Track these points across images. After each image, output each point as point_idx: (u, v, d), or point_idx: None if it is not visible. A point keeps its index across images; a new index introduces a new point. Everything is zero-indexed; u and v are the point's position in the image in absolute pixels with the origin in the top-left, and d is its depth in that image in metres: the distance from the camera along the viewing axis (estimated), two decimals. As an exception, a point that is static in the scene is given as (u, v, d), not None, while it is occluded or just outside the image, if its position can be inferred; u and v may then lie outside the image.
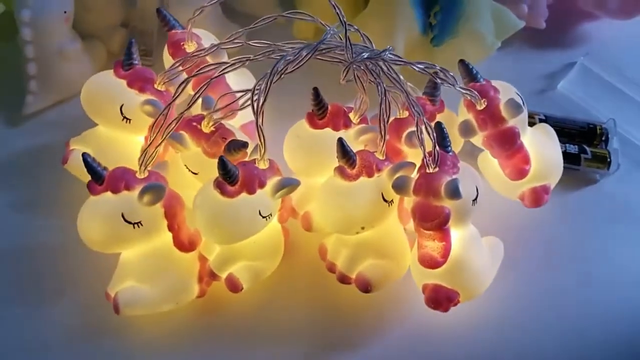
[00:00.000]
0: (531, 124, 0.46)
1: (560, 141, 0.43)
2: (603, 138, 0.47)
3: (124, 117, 0.39)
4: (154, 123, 0.36)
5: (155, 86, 0.40)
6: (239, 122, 0.42)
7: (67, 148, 0.42)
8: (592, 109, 0.50)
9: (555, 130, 0.45)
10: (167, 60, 0.44)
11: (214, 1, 0.41)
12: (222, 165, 0.32)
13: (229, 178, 0.32)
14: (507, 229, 0.41)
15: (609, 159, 0.45)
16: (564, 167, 0.42)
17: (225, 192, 0.33)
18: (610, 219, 0.43)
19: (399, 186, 0.34)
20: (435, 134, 0.34)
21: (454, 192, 0.32)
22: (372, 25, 0.49)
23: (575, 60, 0.53)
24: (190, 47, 0.42)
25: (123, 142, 0.41)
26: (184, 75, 0.40)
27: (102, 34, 0.52)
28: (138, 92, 0.39)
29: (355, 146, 0.36)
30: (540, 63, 0.54)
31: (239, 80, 0.45)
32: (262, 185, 0.33)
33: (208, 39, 0.44)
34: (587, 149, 0.46)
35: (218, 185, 0.33)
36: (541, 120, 0.47)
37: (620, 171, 0.45)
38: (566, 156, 0.44)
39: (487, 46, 0.48)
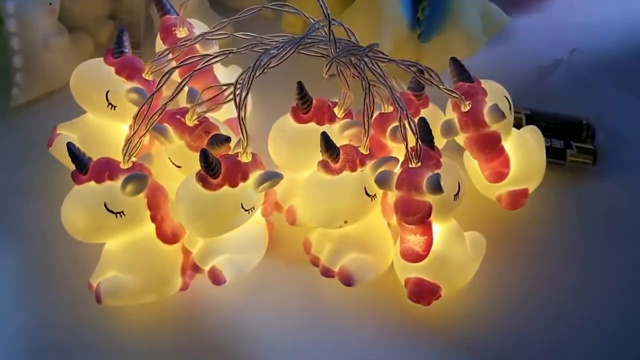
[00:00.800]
0: (517, 119, 0.46)
1: (546, 136, 0.43)
2: (589, 134, 0.47)
3: (109, 104, 0.39)
4: (138, 113, 0.36)
5: (143, 75, 0.40)
6: (225, 116, 0.42)
7: (54, 132, 0.42)
8: (579, 104, 0.50)
9: (541, 126, 0.45)
10: (160, 47, 0.44)
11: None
12: (204, 157, 0.32)
13: (211, 171, 0.32)
14: (490, 224, 0.41)
15: (594, 155, 0.45)
16: (550, 162, 0.42)
17: (207, 185, 0.33)
18: (593, 216, 0.44)
19: (382, 181, 0.34)
20: (418, 129, 0.35)
21: (435, 186, 0.32)
22: (360, 19, 0.49)
23: (562, 56, 0.53)
24: (181, 33, 0.42)
25: (109, 130, 0.41)
26: (174, 64, 0.40)
27: (89, 26, 0.52)
28: (125, 79, 0.39)
29: (339, 141, 0.36)
30: (528, 58, 0.54)
31: (228, 75, 0.45)
32: (244, 178, 0.33)
33: (200, 28, 0.44)
34: (573, 144, 0.46)
35: (200, 178, 0.33)
36: (527, 116, 0.47)
37: (605, 167, 0.46)
38: (552, 151, 0.44)
39: (473, 43, 0.48)
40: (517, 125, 0.46)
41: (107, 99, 0.39)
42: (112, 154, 0.36)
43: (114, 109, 0.40)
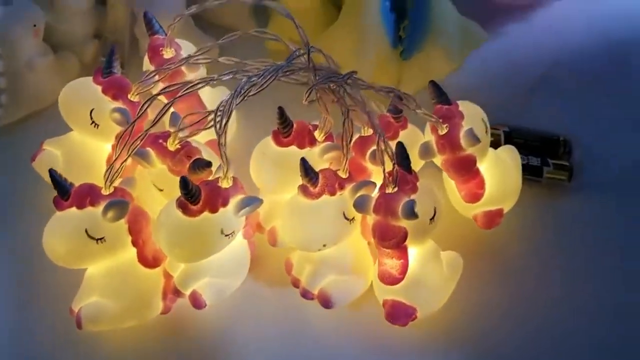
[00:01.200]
0: (496, 136, 0.47)
1: (523, 154, 0.44)
2: (566, 150, 0.48)
3: (93, 122, 0.40)
4: (119, 138, 0.37)
5: (129, 96, 0.41)
6: (208, 137, 0.42)
7: (40, 147, 0.43)
8: (558, 120, 0.50)
9: (520, 143, 0.46)
10: (147, 66, 0.44)
11: (190, 11, 0.42)
12: (184, 184, 0.32)
13: (191, 197, 0.33)
14: (468, 241, 0.42)
15: (570, 171, 0.46)
16: (527, 179, 0.43)
17: (187, 212, 0.33)
18: (569, 232, 0.44)
19: (360, 205, 0.35)
20: (395, 154, 0.35)
21: (409, 213, 0.33)
22: (342, 38, 0.50)
23: (543, 71, 0.54)
24: (168, 54, 0.43)
25: (93, 148, 0.42)
26: (160, 85, 0.41)
27: (74, 45, 0.52)
28: (111, 99, 0.40)
29: (320, 164, 0.37)
30: (509, 71, 0.54)
31: (214, 97, 0.45)
32: (224, 203, 0.34)
33: (188, 49, 0.45)
34: (550, 161, 0.46)
35: (180, 204, 0.33)
36: (505, 133, 0.48)
37: (581, 183, 0.46)
38: (529, 168, 0.45)
39: (452, 61, 0.49)
40: (496, 143, 0.47)
41: (91, 117, 0.40)
42: (94, 172, 0.37)
43: (97, 127, 0.40)
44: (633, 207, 0.45)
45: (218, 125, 0.34)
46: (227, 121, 0.34)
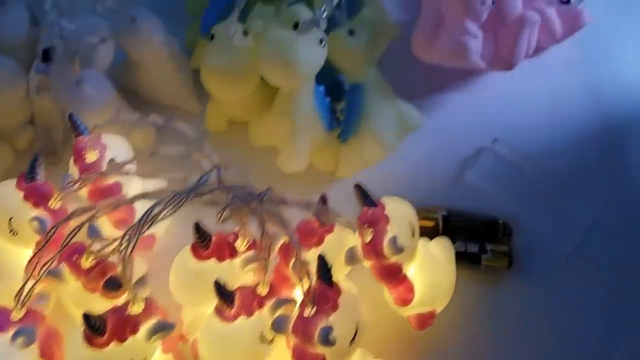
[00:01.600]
0: (434, 220, 0.46)
1: (461, 239, 0.43)
2: (506, 232, 0.47)
3: (11, 230, 0.39)
4: (36, 251, 0.36)
5: (49, 205, 0.40)
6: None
7: None
8: (498, 200, 0.50)
9: (458, 227, 0.46)
10: (73, 169, 0.43)
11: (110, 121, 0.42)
12: (86, 319, 0.31)
13: (96, 331, 0.32)
14: (403, 339, 0.42)
15: (509, 258, 0.46)
16: (465, 266, 0.43)
17: (93, 344, 0.32)
18: (511, 322, 0.44)
19: (277, 327, 0.34)
20: (317, 267, 0.34)
21: (325, 341, 0.32)
22: (278, 122, 0.49)
23: (483, 149, 0.53)
24: (91, 157, 0.42)
25: (14, 254, 0.41)
26: (85, 190, 0.41)
27: (7, 133, 0.51)
28: (32, 206, 0.39)
29: (242, 275, 0.36)
30: (446, 152, 0.52)
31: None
32: (133, 331, 0.33)
33: (117, 146, 0.44)
34: (489, 247, 0.46)
35: (86, 336, 0.32)
36: (444, 217, 0.47)
37: (521, 269, 0.46)
38: (467, 256, 0.45)
39: (385, 147, 0.48)
40: (434, 228, 0.47)
41: (10, 225, 0.39)
42: (15, 280, 0.36)
43: (16, 235, 0.39)
44: (574, 292, 0.45)
45: (123, 253, 0.33)
46: (133, 249, 0.33)
